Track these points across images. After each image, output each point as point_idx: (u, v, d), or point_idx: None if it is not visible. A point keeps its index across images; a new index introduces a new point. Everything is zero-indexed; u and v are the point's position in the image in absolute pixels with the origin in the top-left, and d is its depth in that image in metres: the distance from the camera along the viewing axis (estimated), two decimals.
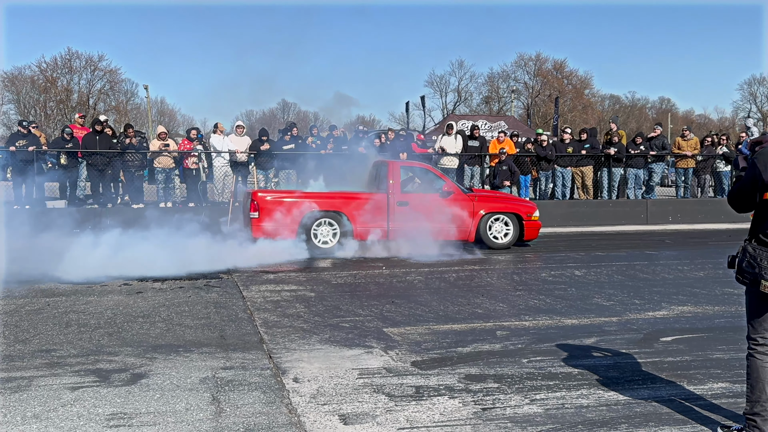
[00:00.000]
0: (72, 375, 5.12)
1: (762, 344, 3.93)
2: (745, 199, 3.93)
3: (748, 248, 3.86)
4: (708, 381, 5.05)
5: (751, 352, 3.97)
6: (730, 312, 7.40)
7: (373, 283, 9.25)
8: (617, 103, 72.71)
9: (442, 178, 12.77)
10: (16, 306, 7.55)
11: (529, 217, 12.79)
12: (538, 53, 66.94)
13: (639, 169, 18.58)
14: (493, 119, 43.51)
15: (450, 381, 5.03)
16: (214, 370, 5.23)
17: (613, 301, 8.05)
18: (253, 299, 8.00)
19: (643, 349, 5.92)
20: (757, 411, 3.90)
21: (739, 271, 3.89)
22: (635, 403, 4.59)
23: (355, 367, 5.38)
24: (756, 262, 3.79)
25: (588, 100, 67.27)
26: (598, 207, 17.79)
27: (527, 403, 4.57)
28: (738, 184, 3.98)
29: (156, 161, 16.01)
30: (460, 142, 17.73)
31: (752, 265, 3.80)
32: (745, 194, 3.91)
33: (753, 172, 3.84)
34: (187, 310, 7.38)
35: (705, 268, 10.50)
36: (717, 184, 19.71)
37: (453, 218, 12.09)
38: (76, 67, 56.74)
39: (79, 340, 6.13)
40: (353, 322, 6.93)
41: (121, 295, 8.18)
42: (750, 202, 3.91)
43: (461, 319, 7.06)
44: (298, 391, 4.80)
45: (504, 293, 8.55)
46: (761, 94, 71.24)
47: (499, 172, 16.87)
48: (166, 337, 6.26)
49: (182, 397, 4.63)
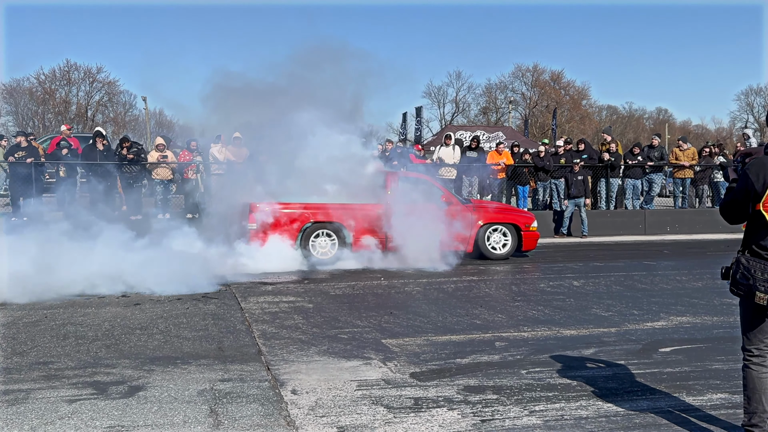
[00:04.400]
0: (69, 387, 5.10)
1: (757, 355, 3.93)
2: (737, 211, 3.94)
3: (742, 260, 3.86)
4: (707, 392, 5.05)
5: (746, 363, 3.97)
6: (729, 322, 7.39)
7: (372, 294, 9.24)
8: (614, 114, 72.92)
9: (441, 189, 12.78)
10: (14, 318, 7.53)
11: (528, 227, 12.80)
12: (535, 64, 67.22)
13: (636, 180, 18.62)
14: (490, 130, 43.65)
15: (449, 392, 5.02)
16: (212, 382, 5.22)
17: (611, 311, 8.05)
18: (251, 311, 7.99)
19: (642, 360, 5.91)
20: (755, 422, 3.89)
21: (733, 282, 3.88)
22: (634, 414, 4.58)
23: (354, 378, 5.37)
24: (750, 274, 3.78)
25: (585, 111, 67.47)
26: (596, 217, 17.80)
27: (526, 415, 4.55)
28: (730, 195, 3.99)
29: (154, 173, 16.01)
30: (458, 153, 17.77)
31: (746, 277, 3.80)
32: (737, 205, 3.92)
33: (745, 183, 3.84)
34: (185, 322, 7.36)
35: (703, 279, 10.51)
36: (715, 194, 19.74)
37: (451, 229, 12.08)
38: (75, 79, 56.93)
39: (77, 353, 6.12)
40: (352, 333, 6.92)
41: (118, 307, 8.16)
42: (742, 214, 3.91)
43: (460, 330, 7.05)
44: (296, 403, 4.78)
45: (502, 304, 8.54)
46: (758, 104, 71.50)
47: (574, 182, 16.77)
48: (163, 349, 6.25)
49: (180, 410, 4.61)
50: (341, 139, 12.52)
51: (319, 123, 12.36)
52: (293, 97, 12.57)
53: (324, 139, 12.25)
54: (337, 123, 12.60)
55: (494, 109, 67.72)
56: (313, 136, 12.23)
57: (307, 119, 12.42)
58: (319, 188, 12.24)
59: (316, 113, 12.44)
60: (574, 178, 16.67)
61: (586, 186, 16.91)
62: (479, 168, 17.80)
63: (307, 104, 12.62)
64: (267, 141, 12.92)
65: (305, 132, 12.29)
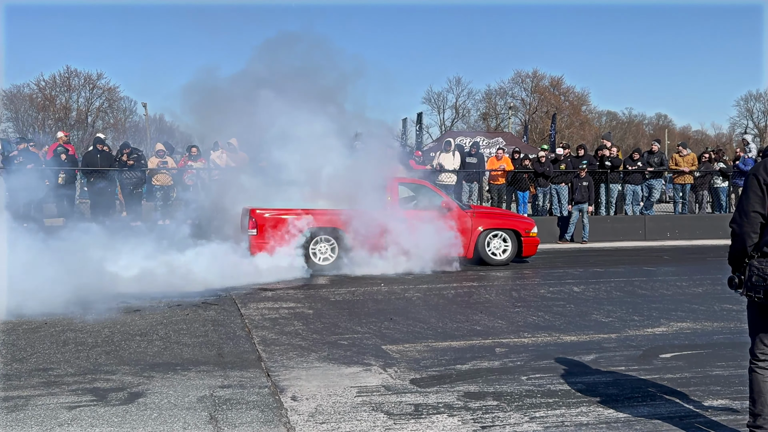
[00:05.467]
0: (69, 394, 5.09)
1: (764, 360, 3.93)
2: (759, 213, 3.86)
3: (754, 263, 3.83)
4: (708, 398, 5.04)
5: (752, 367, 3.97)
6: (729, 328, 7.39)
7: (372, 300, 9.23)
8: (614, 120, 73.01)
9: (441, 195, 12.79)
10: (14, 324, 7.52)
11: (528, 233, 12.80)
12: (535, 70, 67.32)
13: (636, 185, 18.63)
14: (490, 136, 43.66)
15: (449, 399, 5.01)
16: (212, 389, 5.21)
17: (612, 317, 8.04)
18: (251, 317, 7.98)
19: (643, 366, 5.91)
20: (760, 424, 3.91)
21: (750, 288, 3.83)
22: (635, 420, 4.57)
23: (354, 384, 5.36)
24: (765, 274, 3.76)
25: (585, 117, 67.55)
26: (596, 223, 17.79)
27: (527, 421, 4.55)
28: (745, 208, 3.89)
29: (154, 179, 16.02)
30: (458, 159, 17.78)
31: (763, 278, 3.77)
32: (757, 206, 3.85)
33: (758, 189, 3.82)
34: (184, 328, 7.35)
35: (703, 284, 10.50)
36: (714, 199, 19.75)
37: (451, 234, 12.08)
38: (75, 85, 57.01)
39: (77, 359, 6.11)
40: (352, 339, 6.91)
41: (118, 313, 8.15)
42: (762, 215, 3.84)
43: (460, 336, 7.04)
44: (296, 409, 4.77)
45: (503, 310, 8.53)
46: (758, 110, 71.62)
47: (578, 187, 16.78)
48: (163, 356, 6.24)
49: (180, 417, 4.60)
50: (341, 143, 12.52)
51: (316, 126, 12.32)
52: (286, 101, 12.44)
53: (323, 143, 12.24)
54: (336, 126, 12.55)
55: (494, 114, 67.81)
56: (314, 141, 12.21)
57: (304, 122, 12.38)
58: (319, 194, 12.23)
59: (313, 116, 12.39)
60: (579, 183, 16.69)
61: (590, 191, 16.93)
62: (479, 174, 17.83)
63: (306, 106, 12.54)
64: (264, 146, 12.88)
65: (304, 137, 12.25)
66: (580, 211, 16.88)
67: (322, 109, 12.40)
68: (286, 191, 12.19)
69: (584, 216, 16.92)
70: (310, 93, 12.56)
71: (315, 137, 12.13)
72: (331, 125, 12.39)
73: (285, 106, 12.19)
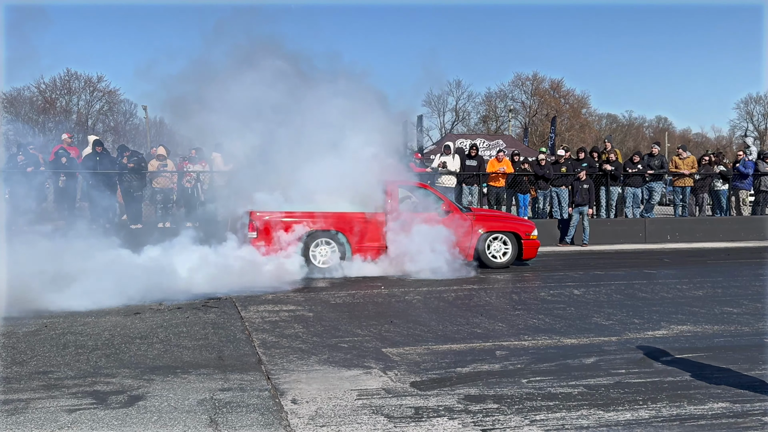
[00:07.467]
0: (69, 397, 5.08)
1: None
2: None
3: None
4: (708, 401, 5.03)
5: None
6: (730, 331, 7.38)
7: (372, 302, 9.22)
8: (614, 122, 73.10)
9: (441, 197, 12.79)
10: (13, 327, 7.51)
11: (528, 236, 12.80)
12: (535, 73, 67.49)
13: (637, 188, 18.64)
14: (490, 138, 43.72)
15: (449, 402, 5.00)
16: (212, 392, 5.20)
17: (612, 320, 8.03)
18: (251, 320, 7.98)
19: (643, 369, 5.90)
20: None
21: None
22: (635, 423, 4.56)
23: (354, 387, 5.35)
24: None
25: (585, 120, 67.63)
26: (597, 226, 17.80)
27: (527, 424, 4.54)
28: None
29: (154, 182, 16.02)
30: (458, 162, 17.79)
31: None
32: None
33: None
34: (185, 331, 7.35)
35: (704, 287, 10.49)
36: (715, 202, 19.76)
37: (451, 237, 12.07)
38: (75, 88, 57.05)
39: (77, 362, 6.10)
40: (352, 342, 6.90)
41: (118, 316, 8.15)
42: None
43: (460, 339, 7.03)
44: (296, 412, 4.77)
45: (503, 313, 8.53)
46: (758, 113, 71.69)
47: (579, 190, 16.80)
48: (163, 359, 6.23)
49: (180, 420, 4.60)
50: (340, 145, 12.50)
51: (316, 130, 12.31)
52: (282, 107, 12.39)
53: (324, 146, 12.23)
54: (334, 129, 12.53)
55: (494, 117, 67.90)
56: (313, 143, 12.20)
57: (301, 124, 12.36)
58: (319, 196, 12.21)
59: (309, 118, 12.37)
60: (579, 186, 16.70)
61: (591, 194, 16.94)
62: (479, 177, 17.83)
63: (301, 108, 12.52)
64: (263, 148, 12.84)
65: (303, 139, 12.24)
66: (580, 213, 16.90)
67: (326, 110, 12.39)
68: (286, 193, 12.17)
69: (584, 219, 16.93)
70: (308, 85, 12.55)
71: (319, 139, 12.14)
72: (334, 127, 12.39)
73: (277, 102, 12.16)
